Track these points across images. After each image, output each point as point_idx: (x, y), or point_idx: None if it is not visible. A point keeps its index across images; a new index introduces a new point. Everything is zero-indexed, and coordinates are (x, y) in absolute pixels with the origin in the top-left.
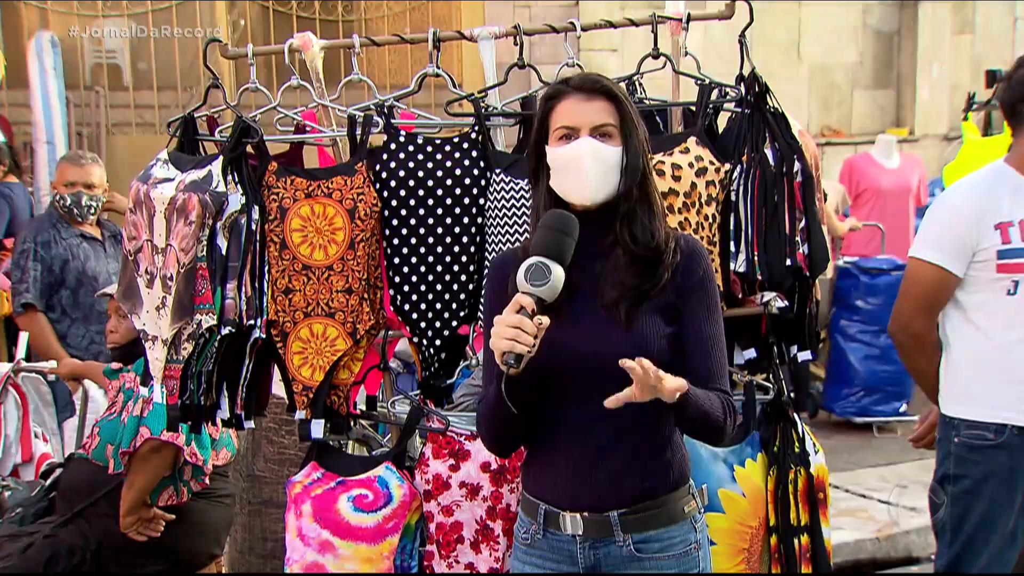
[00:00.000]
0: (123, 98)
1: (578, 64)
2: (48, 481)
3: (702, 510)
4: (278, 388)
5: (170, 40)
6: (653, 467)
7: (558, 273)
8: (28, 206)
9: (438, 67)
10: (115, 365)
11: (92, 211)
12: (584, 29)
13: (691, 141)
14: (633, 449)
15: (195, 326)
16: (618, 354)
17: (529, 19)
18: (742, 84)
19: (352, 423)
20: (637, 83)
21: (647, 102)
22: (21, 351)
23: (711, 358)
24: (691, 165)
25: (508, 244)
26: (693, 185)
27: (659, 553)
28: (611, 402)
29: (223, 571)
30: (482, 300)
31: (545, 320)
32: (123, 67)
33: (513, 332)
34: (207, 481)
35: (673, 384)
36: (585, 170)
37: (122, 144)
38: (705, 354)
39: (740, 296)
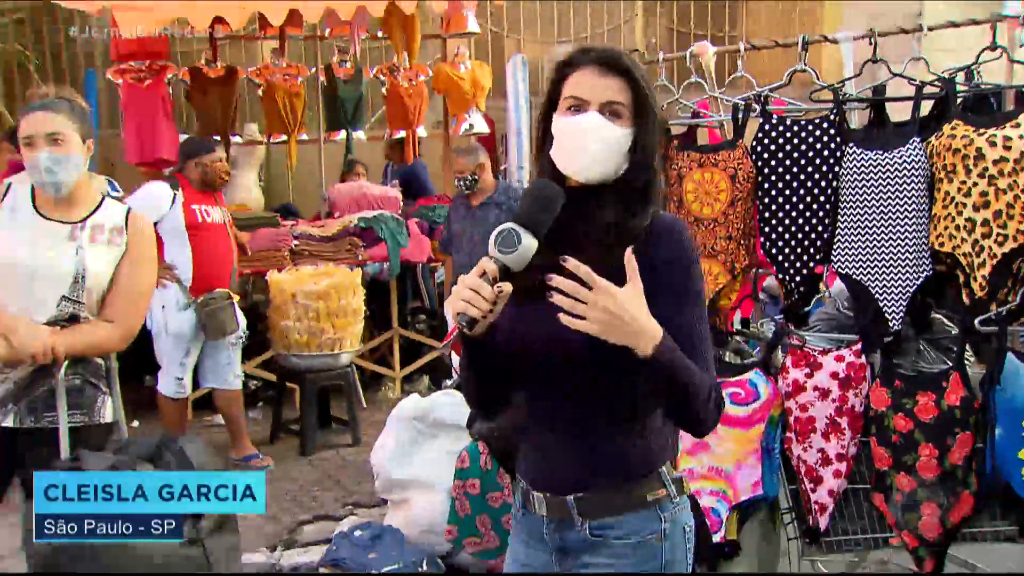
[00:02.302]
0: None
1: (923, 58)
2: None
3: (675, 498)
4: None
5: None
6: (615, 454)
7: (527, 242)
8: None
9: (805, 64)
10: None
11: (466, 187)
12: (930, 29)
13: (1022, 117)
14: (596, 434)
15: None
16: (580, 338)
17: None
18: None
19: (729, 338)
20: (975, 71)
21: (983, 86)
22: None
23: (689, 347)
24: (1021, 137)
25: (861, 204)
26: (1023, 153)
27: (616, 540)
28: (565, 319)
29: None
30: None
31: (506, 288)
32: None
33: (470, 295)
34: None
35: (629, 331)
36: (587, 146)
37: None
38: (682, 344)
39: None
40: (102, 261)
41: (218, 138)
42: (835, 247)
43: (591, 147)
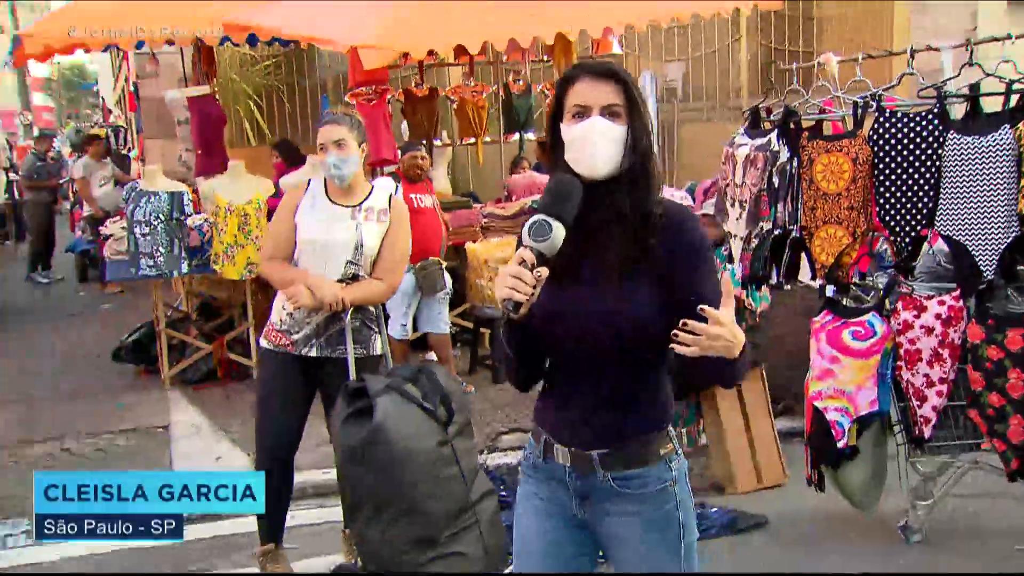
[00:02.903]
0: (684, 105)
1: (1012, 61)
2: None
3: (679, 451)
4: None
5: (712, 70)
6: (632, 415)
7: (558, 230)
8: None
9: (912, 68)
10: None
11: None
12: (1018, 37)
13: None
14: (615, 398)
15: (759, 229)
16: (607, 311)
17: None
18: None
19: (851, 288)
20: None
21: None
22: None
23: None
24: None
25: (961, 180)
26: None
27: (637, 490)
28: (679, 349)
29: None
30: None
31: (544, 272)
32: (678, 88)
33: (513, 282)
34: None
35: (732, 347)
36: (595, 145)
37: (688, 132)
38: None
39: None
40: (373, 234)
41: (424, 142)
42: (938, 214)
43: (599, 146)
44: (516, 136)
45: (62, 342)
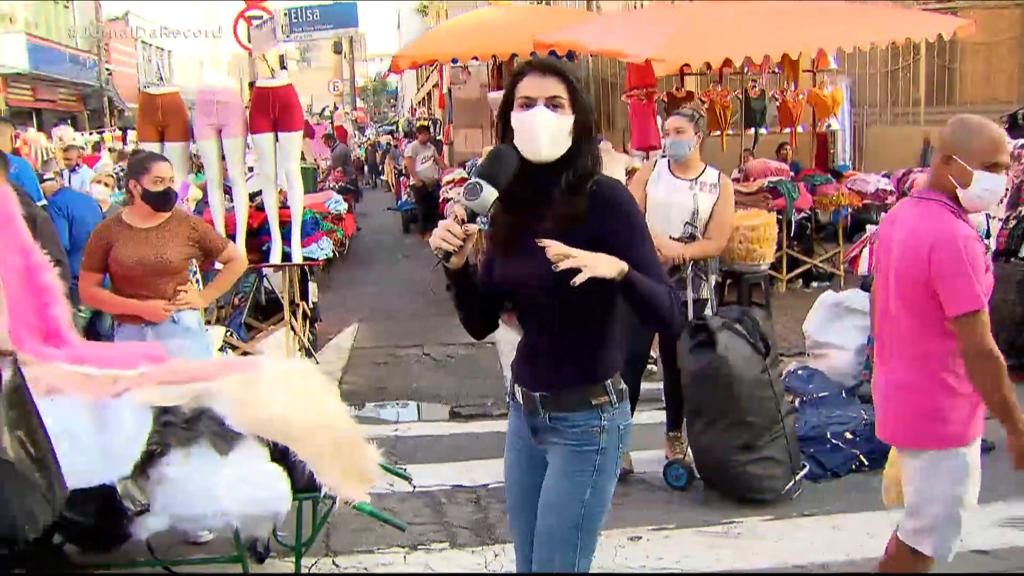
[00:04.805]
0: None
1: None
2: None
3: (615, 404)
4: None
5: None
6: (570, 364)
7: (488, 192)
8: None
9: None
10: None
11: None
12: None
13: None
14: (556, 349)
15: (1017, 212)
16: (540, 273)
17: None
18: None
19: None
20: None
21: None
22: None
23: (646, 270)
24: None
25: None
26: None
27: (568, 428)
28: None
29: None
30: None
31: (472, 228)
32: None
33: (444, 234)
34: None
35: (607, 265)
36: (539, 133)
37: (874, 132)
38: (640, 268)
39: None
40: (705, 202)
41: None
42: None
43: (542, 133)
44: (752, 130)
45: (403, 275)
